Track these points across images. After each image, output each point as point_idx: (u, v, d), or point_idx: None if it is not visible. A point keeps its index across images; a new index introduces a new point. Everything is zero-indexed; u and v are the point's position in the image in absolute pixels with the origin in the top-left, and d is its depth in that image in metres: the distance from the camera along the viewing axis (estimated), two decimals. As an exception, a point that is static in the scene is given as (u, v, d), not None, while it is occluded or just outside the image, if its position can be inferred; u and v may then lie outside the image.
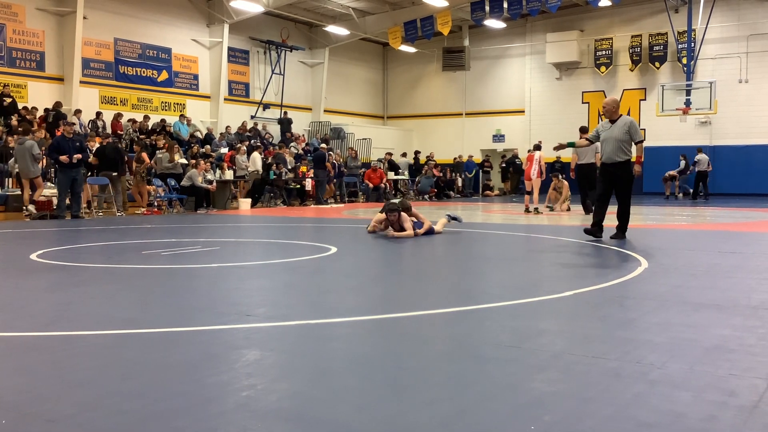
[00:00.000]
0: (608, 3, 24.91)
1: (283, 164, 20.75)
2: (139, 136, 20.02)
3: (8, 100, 18.05)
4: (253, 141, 23.06)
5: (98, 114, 20.03)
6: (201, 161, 18.12)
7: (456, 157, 29.27)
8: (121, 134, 19.99)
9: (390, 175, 25.11)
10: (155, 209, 16.83)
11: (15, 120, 17.48)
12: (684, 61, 25.04)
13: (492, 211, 17.53)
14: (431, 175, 25.84)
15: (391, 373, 3.21)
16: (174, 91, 23.29)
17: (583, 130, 14.91)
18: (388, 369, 3.27)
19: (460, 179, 28.45)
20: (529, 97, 29.34)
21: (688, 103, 23.24)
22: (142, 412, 2.64)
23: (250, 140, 22.78)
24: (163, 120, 21.68)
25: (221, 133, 23.22)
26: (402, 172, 26.29)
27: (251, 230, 12.33)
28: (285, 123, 26.08)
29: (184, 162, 18.24)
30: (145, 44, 22.23)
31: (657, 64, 26.50)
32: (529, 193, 16.05)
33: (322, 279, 6.26)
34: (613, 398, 2.79)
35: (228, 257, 7.85)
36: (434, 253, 8.40)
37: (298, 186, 20.95)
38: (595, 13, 27.28)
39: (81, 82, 20.06)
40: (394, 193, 24.61)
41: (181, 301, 5.07)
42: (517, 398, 2.82)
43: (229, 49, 24.61)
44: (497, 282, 6.18)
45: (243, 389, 2.93)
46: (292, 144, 23.96)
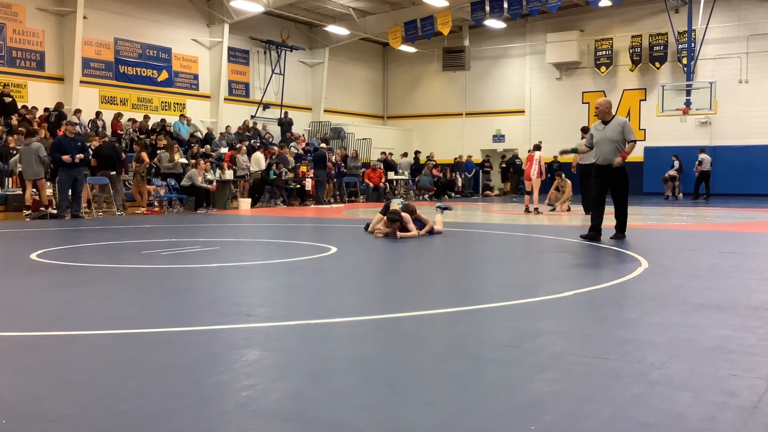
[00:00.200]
0: (608, 3, 24.90)
1: (285, 164, 20.76)
2: (139, 136, 20.03)
3: (8, 100, 18.05)
4: (253, 141, 23.07)
5: (98, 114, 20.04)
6: (201, 161, 18.11)
7: (456, 157, 29.32)
8: (121, 134, 20.00)
9: (390, 175, 25.11)
10: (155, 209, 16.84)
11: (15, 120, 17.49)
12: (684, 61, 25.04)
13: (492, 211, 17.52)
14: (430, 173, 25.90)
15: (390, 373, 3.21)
16: (174, 90, 23.29)
17: (585, 130, 14.90)
18: (387, 369, 3.27)
19: (460, 179, 28.45)
20: (529, 97, 29.35)
21: (688, 103, 23.23)
22: (141, 412, 2.64)
23: (250, 140, 22.78)
24: (163, 120, 21.68)
25: (221, 133, 23.22)
26: (402, 172, 26.29)
27: (251, 230, 12.33)
28: (285, 125, 26.09)
29: (184, 162, 18.24)
30: (145, 44, 22.23)
31: (657, 64, 26.50)
32: (529, 193, 16.05)
33: (322, 279, 6.26)
34: (613, 398, 2.79)
35: (228, 257, 7.84)
36: (434, 253, 8.40)
37: (298, 186, 20.95)
38: (595, 14, 27.29)
39: (81, 81, 20.06)
40: (393, 192, 24.62)
41: (181, 301, 5.07)
42: (517, 398, 2.82)
43: (230, 48, 24.61)
44: (497, 282, 6.18)
45: (243, 389, 2.93)
46: (292, 144, 23.96)
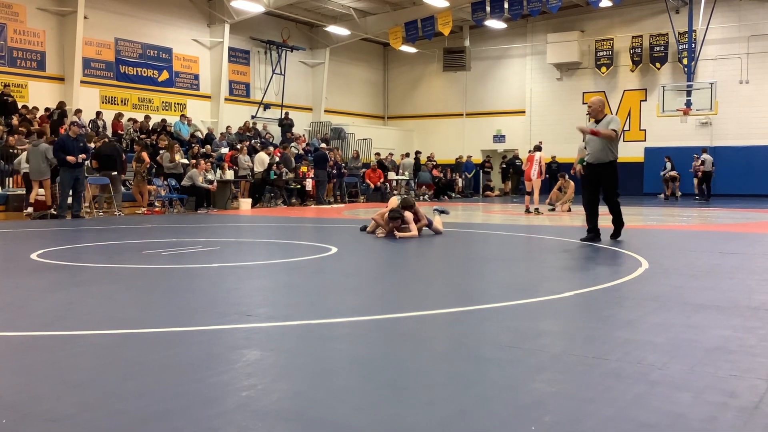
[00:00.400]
0: (609, 4, 24.90)
1: (289, 165, 20.80)
2: (140, 136, 20.03)
3: (9, 100, 18.06)
4: (254, 141, 23.07)
5: (98, 114, 20.05)
6: (201, 161, 18.12)
7: (457, 158, 29.29)
8: (121, 134, 20.00)
9: (390, 175, 25.11)
10: (155, 209, 16.84)
11: (16, 120, 17.50)
12: (685, 61, 25.04)
13: (492, 212, 17.53)
14: (429, 171, 25.99)
15: (391, 373, 3.21)
16: (175, 91, 23.29)
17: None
18: (388, 369, 3.27)
19: (460, 180, 28.44)
20: (529, 98, 29.35)
21: (688, 104, 23.23)
22: (142, 412, 2.64)
23: (250, 140, 22.78)
24: (163, 120, 21.69)
25: (222, 133, 23.23)
26: (403, 173, 26.29)
27: (252, 230, 12.33)
28: (286, 126, 26.08)
29: (185, 162, 18.25)
30: (145, 44, 22.24)
31: (657, 64, 26.50)
32: (530, 193, 16.06)
33: (323, 279, 6.26)
34: (613, 399, 2.79)
35: (228, 257, 7.85)
36: (434, 254, 8.40)
37: (299, 186, 20.95)
38: (595, 14, 27.29)
39: (81, 81, 20.07)
40: (393, 193, 24.63)
41: (182, 301, 5.07)
42: (518, 399, 2.82)
43: (230, 49, 24.60)
44: (497, 282, 6.18)
45: (243, 389, 2.93)
46: (292, 144, 23.97)
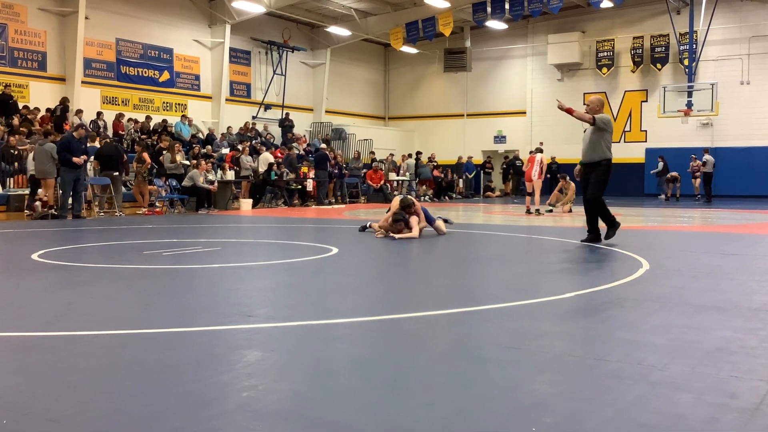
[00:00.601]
0: (610, 4, 24.89)
1: (293, 165, 20.83)
2: (141, 137, 20.04)
3: (11, 101, 18.06)
4: (255, 141, 23.08)
5: (99, 114, 20.06)
6: (202, 162, 18.13)
7: (458, 158, 29.22)
8: (122, 134, 20.01)
9: (391, 176, 25.11)
10: (156, 209, 16.84)
11: (17, 120, 17.52)
12: (686, 62, 25.02)
13: (493, 212, 17.53)
14: (431, 170, 26.04)
15: (391, 373, 3.21)
16: (175, 91, 23.31)
17: None
18: (388, 370, 3.27)
19: (461, 181, 28.42)
20: (530, 99, 29.34)
21: (689, 104, 23.22)
22: (142, 413, 2.64)
23: (251, 141, 22.79)
24: (164, 120, 21.69)
25: (222, 134, 23.24)
26: (404, 173, 26.28)
27: (252, 231, 12.33)
28: (286, 127, 26.08)
29: (186, 163, 18.25)
30: (146, 44, 22.25)
31: (658, 65, 26.49)
32: (530, 194, 16.05)
33: (323, 280, 6.26)
34: (614, 400, 2.79)
35: (229, 258, 7.85)
36: (435, 254, 8.40)
37: (299, 186, 20.96)
38: (596, 15, 27.28)
39: (82, 82, 20.08)
40: (394, 194, 24.64)
41: (182, 301, 5.07)
42: (518, 399, 2.82)
43: (231, 49, 24.61)
44: (498, 283, 6.18)
45: (244, 390, 2.93)
46: (293, 145, 23.98)
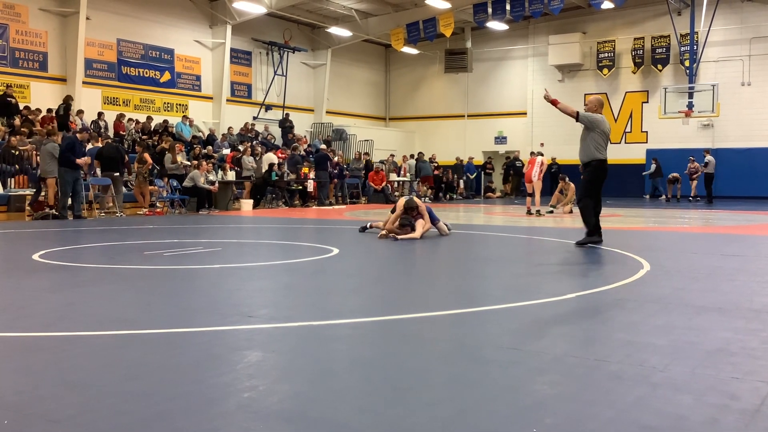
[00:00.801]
0: (611, 5, 24.89)
1: (298, 166, 20.85)
2: (142, 137, 20.04)
3: (12, 101, 18.07)
4: (255, 142, 23.08)
5: (100, 114, 20.07)
6: (203, 162, 18.13)
7: (457, 159, 29.09)
8: (123, 135, 20.02)
9: (392, 176, 25.11)
10: (157, 210, 16.85)
11: (18, 120, 17.52)
12: (686, 63, 25.01)
13: (494, 213, 17.53)
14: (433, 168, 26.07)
15: (392, 374, 3.21)
16: (176, 92, 23.31)
17: None
18: (389, 370, 3.27)
19: (461, 181, 28.40)
20: (531, 99, 29.31)
21: (690, 105, 23.21)
22: (143, 413, 2.65)
23: (252, 141, 22.79)
24: (165, 121, 21.70)
25: (223, 134, 23.24)
26: (405, 174, 26.27)
27: (253, 231, 12.33)
28: (287, 128, 26.07)
29: (187, 163, 18.26)
30: (147, 45, 22.25)
31: (659, 66, 26.48)
32: (530, 195, 16.03)
33: (324, 280, 6.26)
34: (614, 401, 2.79)
35: (230, 258, 7.85)
36: (436, 255, 8.40)
37: (300, 187, 20.95)
38: (597, 16, 27.27)
39: (83, 82, 20.09)
40: (395, 194, 24.63)
41: (183, 301, 5.07)
42: (519, 400, 2.82)
43: (232, 50, 24.61)
44: (499, 284, 6.18)
45: (245, 390, 2.93)
46: (296, 145, 23.97)
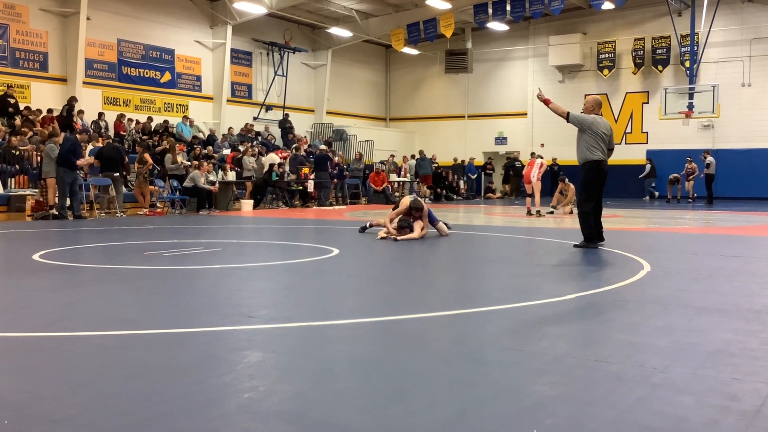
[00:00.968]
0: (611, 6, 24.89)
1: (299, 166, 20.86)
2: (142, 137, 20.05)
3: (12, 101, 18.08)
4: (255, 142, 23.09)
5: (101, 115, 20.07)
6: (204, 162, 18.14)
7: (455, 159, 29.04)
8: (123, 135, 20.02)
9: (392, 177, 25.12)
10: (157, 210, 16.85)
11: (18, 120, 17.52)
12: (687, 64, 25.01)
13: (494, 214, 17.53)
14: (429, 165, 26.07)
15: (392, 375, 3.21)
16: (177, 92, 23.31)
17: None
18: (389, 371, 3.27)
19: (462, 182, 28.39)
20: (531, 100, 29.24)
21: (690, 106, 23.21)
22: (143, 413, 2.64)
23: (252, 142, 22.79)
24: (165, 121, 21.70)
25: (224, 135, 23.24)
26: (405, 174, 26.27)
27: (253, 232, 12.33)
28: (286, 129, 26.08)
29: (187, 163, 18.27)
30: (148, 45, 22.26)
31: (660, 67, 26.47)
32: (530, 195, 16.02)
33: (324, 281, 6.26)
34: (615, 402, 2.79)
35: (230, 258, 7.85)
36: (436, 256, 8.40)
37: (300, 188, 20.96)
38: (598, 16, 27.28)
39: (84, 82, 20.09)
40: (395, 195, 24.63)
41: (183, 302, 5.07)
42: (519, 401, 2.82)
43: (232, 50, 24.62)
44: (499, 284, 6.17)
45: (245, 391, 2.93)
46: (295, 146, 23.97)
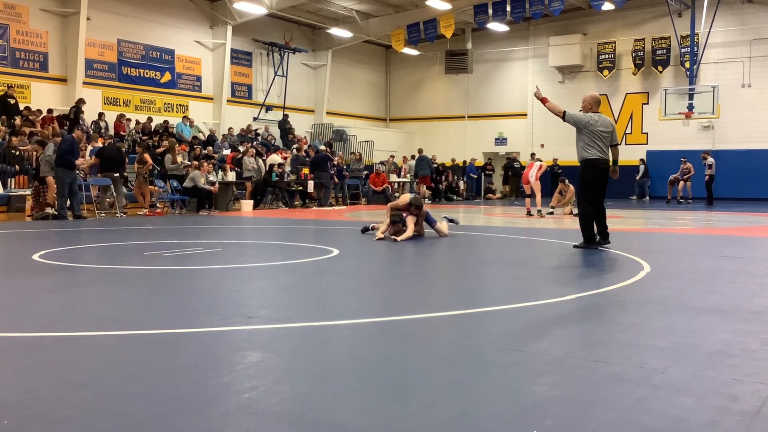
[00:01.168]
0: (611, 7, 24.89)
1: (299, 167, 20.87)
2: (142, 138, 20.05)
3: (12, 102, 18.08)
4: (255, 143, 23.09)
5: (101, 115, 20.07)
6: (204, 163, 18.14)
7: (453, 160, 28.98)
8: (123, 135, 20.02)
9: (392, 177, 25.13)
10: (157, 210, 16.85)
11: (18, 120, 17.52)
12: (687, 65, 25.02)
13: (494, 214, 17.52)
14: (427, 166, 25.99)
15: (392, 375, 3.21)
16: (177, 92, 23.31)
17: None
18: (389, 371, 3.27)
19: (462, 182, 28.38)
20: (531, 100, 29.23)
21: (690, 107, 23.21)
22: (144, 414, 2.64)
23: (252, 142, 22.79)
24: (165, 121, 21.70)
25: (224, 135, 23.25)
26: (405, 175, 26.28)
27: (253, 232, 12.33)
28: (285, 130, 26.09)
29: (187, 163, 18.27)
30: (148, 45, 22.26)
31: (660, 68, 26.48)
32: (530, 196, 16.02)
33: (324, 281, 6.26)
34: (615, 402, 2.79)
35: (230, 259, 7.85)
36: (436, 256, 8.40)
37: (300, 188, 20.96)
38: (598, 17, 27.28)
39: (84, 83, 20.09)
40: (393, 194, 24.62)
41: (183, 302, 5.07)
42: (519, 402, 2.82)
43: (232, 50, 24.62)
44: (499, 285, 6.17)
45: (245, 391, 2.93)
46: (294, 146, 23.98)
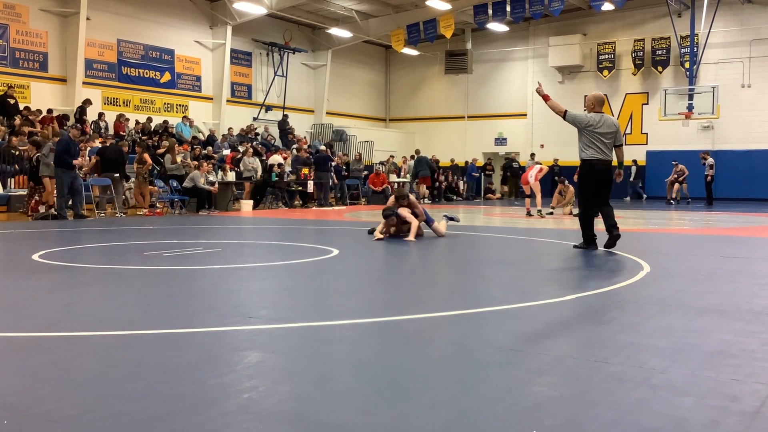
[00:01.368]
0: (611, 7, 24.90)
1: (300, 167, 20.86)
2: (142, 138, 20.05)
3: (12, 102, 18.09)
4: (255, 143, 23.09)
5: (100, 115, 20.07)
6: (204, 163, 18.14)
7: (452, 160, 28.99)
8: (123, 135, 20.02)
9: (392, 178, 25.12)
10: (157, 210, 16.85)
11: (18, 120, 17.52)
12: (687, 65, 25.04)
13: (493, 215, 17.53)
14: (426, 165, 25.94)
15: (392, 376, 3.21)
16: (177, 92, 23.32)
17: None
18: (389, 372, 3.27)
19: (461, 183, 28.38)
20: (531, 101, 29.31)
21: (690, 107, 23.22)
22: (143, 414, 2.64)
23: (251, 142, 22.79)
24: (165, 121, 21.70)
25: (223, 135, 23.25)
26: (405, 175, 26.27)
27: (253, 232, 12.33)
28: (284, 130, 26.08)
29: (188, 162, 18.26)
30: (148, 45, 22.26)
31: (660, 68, 26.49)
32: (529, 196, 16.02)
33: (324, 281, 6.26)
34: (615, 403, 2.79)
35: (230, 259, 7.85)
36: (436, 256, 8.40)
37: (300, 188, 20.96)
38: (598, 17, 27.29)
39: (84, 83, 20.10)
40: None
41: (183, 302, 5.07)
42: (519, 402, 2.82)
43: (232, 50, 24.62)
44: (499, 285, 6.17)
45: (244, 391, 2.93)
46: (294, 146, 23.98)
